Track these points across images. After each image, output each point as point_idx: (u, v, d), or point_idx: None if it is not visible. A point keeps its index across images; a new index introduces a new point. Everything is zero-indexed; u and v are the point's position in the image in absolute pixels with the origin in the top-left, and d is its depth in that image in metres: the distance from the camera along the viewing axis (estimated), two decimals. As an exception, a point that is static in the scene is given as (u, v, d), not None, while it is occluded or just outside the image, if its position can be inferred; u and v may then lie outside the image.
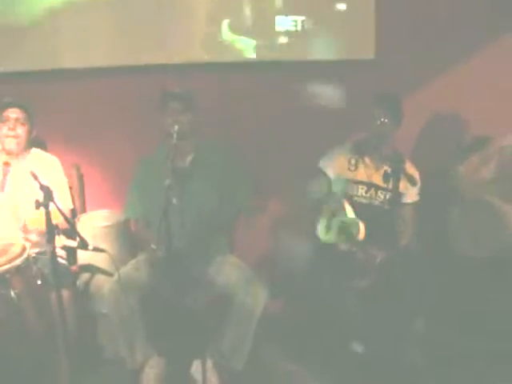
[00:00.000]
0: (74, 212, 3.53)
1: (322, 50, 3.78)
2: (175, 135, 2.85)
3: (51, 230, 2.49)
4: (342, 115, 3.57)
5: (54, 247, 2.51)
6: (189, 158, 3.21)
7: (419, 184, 3.25)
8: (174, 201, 2.59)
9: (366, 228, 3.05)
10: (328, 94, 3.74)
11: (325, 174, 3.33)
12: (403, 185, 3.16)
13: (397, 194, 3.12)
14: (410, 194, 3.28)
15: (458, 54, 3.83)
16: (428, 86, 3.81)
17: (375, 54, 3.75)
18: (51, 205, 2.50)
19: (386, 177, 2.98)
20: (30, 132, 3.21)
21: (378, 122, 3.18)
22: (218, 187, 3.17)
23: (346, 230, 3.10)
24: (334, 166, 3.33)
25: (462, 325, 3.29)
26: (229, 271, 3.10)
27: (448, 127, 3.88)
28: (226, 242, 3.28)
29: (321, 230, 3.25)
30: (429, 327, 3.24)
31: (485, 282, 3.09)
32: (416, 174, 3.23)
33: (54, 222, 2.50)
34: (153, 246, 2.64)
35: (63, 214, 2.58)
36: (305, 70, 3.75)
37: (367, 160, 3.32)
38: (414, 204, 3.31)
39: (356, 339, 3.23)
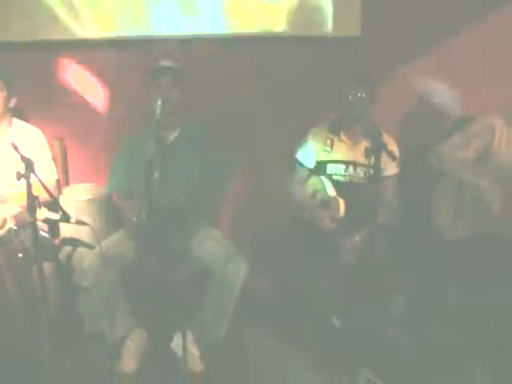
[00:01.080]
0: (58, 184, 3.51)
1: (307, 27, 3.75)
2: (158, 110, 2.83)
3: (32, 203, 2.46)
4: (327, 92, 3.56)
5: (36, 220, 2.50)
6: (174, 134, 3.21)
7: (398, 158, 3.27)
8: (156, 175, 2.59)
9: (347, 205, 3.07)
10: (313, 70, 3.72)
11: (303, 167, 3.35)
12: (383, 159, 3.17)
13: (378, 170, 3.13)
14: (390, 167, 3.28)
15: (443, 34, 3.81)
16: (413, 65, 3.80)
17: (361, 32, 3.73)
18: (32, 177, 2.49)
19: (366, 153, 2.99)
20: (7, 99, 3.16)
21: (355, 98, 3.17)
22: (200, 163, 3.17)
23: (329, 209, 3.14)
24: (312, 153, 3.33)
25: (441, 304, 3.33)
26: (210, 245, 3.11)
27: (432, 106, 3.89)
28: (208, 216, 3.30)
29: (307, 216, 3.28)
30: (408, 305, 3.27)
31: (465, 261, 3.11)
32: (395, 148, 3.25)
33: (35, 194, 2.48)
34: (134, 219, 2.64)
35: (45, 187, 2.56)
36: (289, 45, 3.73)
37: (343, 137, 3.33)
38: (394, 176, 3.32)
39: (335, 315, 3.26)
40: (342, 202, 3.12)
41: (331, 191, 3.19)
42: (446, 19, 3.78)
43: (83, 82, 3.70)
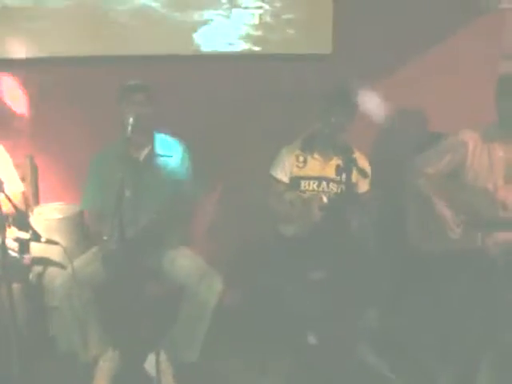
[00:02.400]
0: (25, 196, 3.47)
1: (280, 44, 3.77)
2: (130, 128, 2.82)
3: (1, 222, 2.44)
4: (299, 109, 3.58)
5: (5, 238, 2.46)
6: (145, 152, 3.20)
7: (370, 176, 3.30)
8: (128, 193, 2.57)
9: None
10: (285, 88, 3.73)
11: (277, 181, 3.36)
12: (355, 177, 3.20)
13: (350, 186, 3.15)
14: (361, 185, 3.34)
15: (416, 51, 3.86)
16: (385, 81, 3.84)
17: (332, 49, 3.76)
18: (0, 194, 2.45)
19: (338, 170, 3.01)
20: None
21: (330, 117, 3.21)
22: (172, 180, 3.17)
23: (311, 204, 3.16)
24: (284, 168, 3.36)
25: (414, 317, 3.36)
26: (182, 263, 3.10)
27: (405, 122, 3.93)
28: (181, 234, 3.28)
29: (282, 223, 3.32)
30: (382, 319, 3.29)
31: (437, 275, 3.14)
32: (367, 166, 3.30)
33: (3, 210, 2.44)
34: (105, 238, 2.62)
35: (14, 205, 2.53)
36: (262, 63, 3.74)
37: (316, 155, 3.36)
38: (366, 194, 3.35)
39: (311, 331, 3.26)
40: (323, 196, 3.16)
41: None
42: (417, 36, 3.84)
43: (54, 100, 3.67)
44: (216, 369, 3.24)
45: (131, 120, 2.84)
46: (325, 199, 3.14)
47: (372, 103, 3.73)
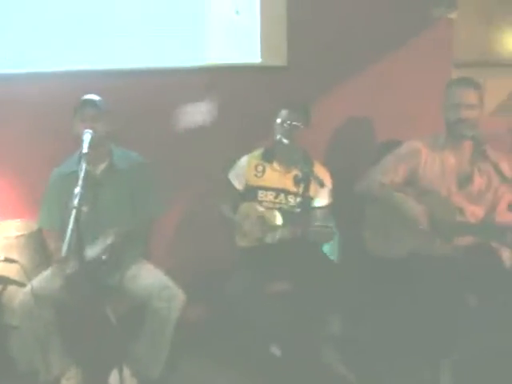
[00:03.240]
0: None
1: (236, 57, 3.79)
2: (84, 143, 2.81)
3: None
4: (256, 121, 3.61)
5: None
6: (102, 167, 3.19)
7: (330, 187, 3.33)
8: (85, 209, 2.55)
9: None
10: (241, 99, 3.76)
11: (233, 187, 3.39)
12: (313, 188, 3.23)
13: (307, 198, 3.18)
14: (321, 198, 3.35)
15: (369, 61, 3.91)
16: (339, 92, 3.89)
17: (287, 61, 3.80)
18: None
19: (296, 181, 3.04)
20: None
21: (286, 126, 3.24)
22: (130, 195, 3.16)
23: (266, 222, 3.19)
24: (243, 175, 3.39)
25: (377, 323, 3.40)
26: (143, 278, 3.09)
27: (359, 131, 3.98)
28: (140, 249, 3.26)
29: (239, 235, 3.32)
30: (345, 328, 3.32)
31: (397, 281, 3.18)
32: (326, 177, 3.31)
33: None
34: (63, 255, 2.60)
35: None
36: (220, 75, 3.76)
37: (276, 165, 3.38)
38: (326, 207, 3.37)
39: (274, 342, 3.27)
40: (278, 214, 3.17)
41: (262, 209, 3.25)
42: (370, 48, 3.89)
43: (11, 116, 3.63)
44: (180, 383, 3.23)
45: (85, 135, 2.84)
46: (279, 220, 3.16)
47: (326, 114, 3.79)
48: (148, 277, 3.10)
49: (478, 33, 5.46)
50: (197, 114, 3.76)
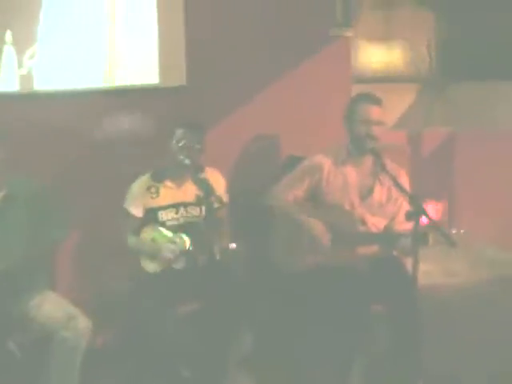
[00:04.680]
0: None
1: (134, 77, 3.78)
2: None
3: None
4: (154, 141, 3.59)
5: None
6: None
7: (224, 188, 3.35)
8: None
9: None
10: (139, 121, 3.74)
11: (131, 216, 3.34)
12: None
13: (209, 206, 3.18)
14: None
15: (269, 78, 3.98)
16: (241, 110, 3.93)
17: (187, 81, 3.81)
18: None
19: (198, 200, 3.05)
20: None
21: (182, 146, 3.24)
22: (31, 223, 3.07)
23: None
24: (138, 201, 3.34)
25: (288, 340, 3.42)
26: (48, 308, 2.98)
27: (263, 147, 4.02)
28: (43, 279, 3.16)
29: (145, 260, 3.29)
30: (257, 343, 3.32)
31: (305, 293, 3.21)
32: (219, 180, 3.35)
33: None
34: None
35: None
36: (119, 97, 3.73)
37: (168, 183, 3.35)
38: (223, 207, 3.33)
39: (184, 364, 3.24)
40: (185, 238, 3.17)
41: (169, 234, 3.23)
42: (271, 65, 3.96)
43: None
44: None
45: None
46: (188, 244, 3.16)
47: (228, 132, 3.82)
48: (53, 307, 3.00)
49: (376, 50, 5.68)
50: (95, 136, 3.69)
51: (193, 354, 3.16)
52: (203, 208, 3.26)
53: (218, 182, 3.32)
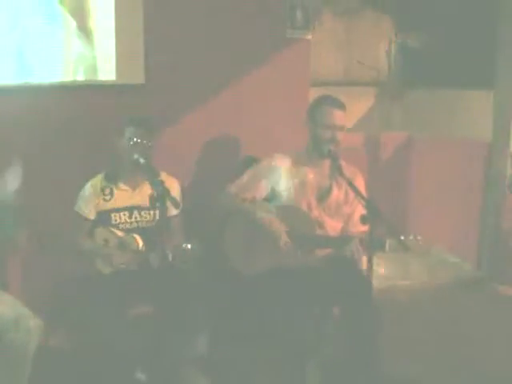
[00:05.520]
0: None
1: (93, 75, 3.72)
2: None
3: None
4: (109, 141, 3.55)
5: None
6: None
7: (179, 195, 3.30)
8: None
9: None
10: (98, 118, 3.66)
11: (82, 218, 3.29)
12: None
13: (163, 211, 3.14)
14: (171, 209, 3.23)
15: (228, 78, 3.98)
16: (200, 109, 3.91)
17: (145, 79, 3.77)
18: None
19: (152, 201, 3.01)
20: None
21: (133, 144, 3.19)
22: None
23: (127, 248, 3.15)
24: (91, 203, 3.28)
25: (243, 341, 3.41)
26: (-2, 309, 2.92)
27: (219, 148, 4.02)
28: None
29: (100, 262, 3.23)
30: (211, 347, 3.30)
31: (262, 294, 3.20)
32: (174, 185, 3.29)
33: None
34: None
35: None
36: (74, 94, 3.66)
37: (122, 185, 3.30)
38: (175, 217, 3.33)
39: (139, 367, 3.20)
40: (138, 238, 3.13)
41: (121, 234, 3.19)
42: (230, 65, 3.97)
43: None
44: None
45: None
46: (140, 244, 3.13)
47: (185, 132, 3.80)
48: (2, 307, 2.91)
49: (336, 54, 5.75)
50: (46, 134, 3.61)
51: (147, 357, 3.11)
52: (157, 212, 3.22)
53: (173, 186, 3.26)
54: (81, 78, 3.70)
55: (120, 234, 3.20)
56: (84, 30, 3.65)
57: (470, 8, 5.14)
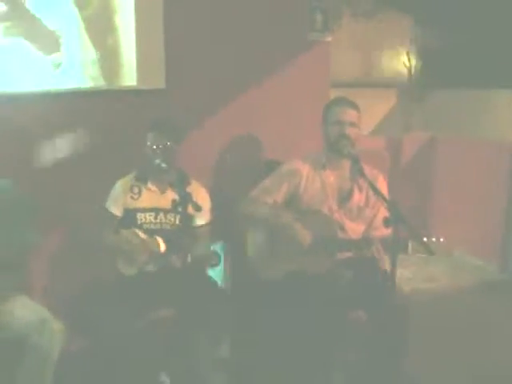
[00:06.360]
0: None
1: (114, 80, 3.74)
2: None
3: None
4: (132, 145, 3.55)
5: None
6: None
7: (209, 206, 3.34)
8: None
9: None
10: (122, 122, 3.69)
11: (110, 215, 3.31)
12: (191, 208, 3.19)
13: (187, 217, 3.15)
14: (200, 217, 3.31)
15: (248, 82, 3.98)
16: (221, 113, 3.92)
17: (166, 84, 3.78)
18: None
19: (174, 204, 3.02)
20: None
21: (156, 149, 3.21)
22: (3, 227, 3.01)
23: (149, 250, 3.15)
24: (119, 200, 3.31)
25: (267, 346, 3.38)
26: (21, 312, 2.92)
27: (242, 152, 4.02)
28: (16, 282, 3.11)
29: (122, 263, 3.25)
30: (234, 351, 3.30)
31: (283, 299, 3.18)
32: (204, 197, 3.32)
33: None
34: None
35: None
36: (97, 99, 3.68)
37: (151, 186, 3.32)
38: (206, 226, 3.35)
39: (163, 370, 3.20)
40: (160, 240, 3.14)
41: (143, 236, 3.20)
42: (251, 69, 3.97)
43: None
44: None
45: None
46: (162, 246, 3.13)
47: (207, 136, 3.82)
48: (26, 311, 2.93)
49: (356, 56, 5.72)
50: (71, 140, 3.65)
51: (170, 360, 3.12)
52: (178, 216, 3.24)
53: (200, 195, 3.28)
54: (102, 83, 3.72)
55: (143, 236, 3.21)
56: (104, 36, 3.68)
57: (492, 6, 5.10)
